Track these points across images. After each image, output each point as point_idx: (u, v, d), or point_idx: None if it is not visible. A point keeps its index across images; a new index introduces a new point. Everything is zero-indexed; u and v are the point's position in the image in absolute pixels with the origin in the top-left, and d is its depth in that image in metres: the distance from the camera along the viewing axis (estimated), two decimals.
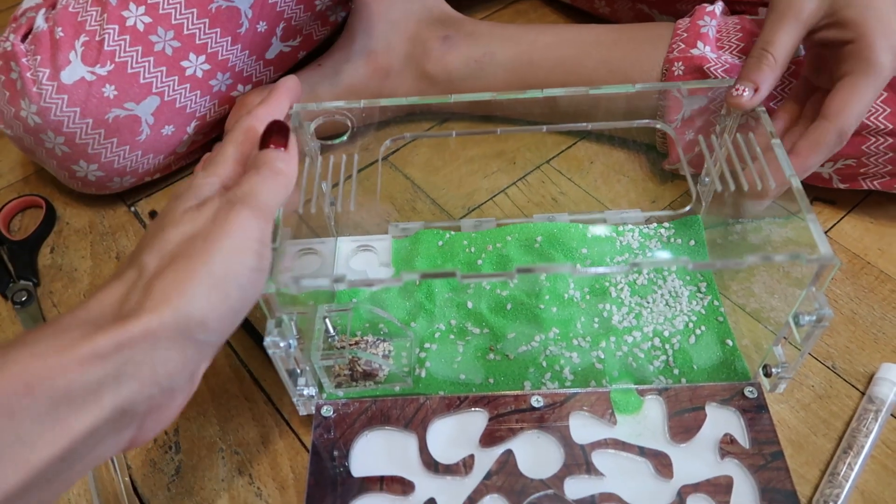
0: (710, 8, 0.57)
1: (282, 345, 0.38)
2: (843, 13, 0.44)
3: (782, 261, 0.37)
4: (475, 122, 0.67)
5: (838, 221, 0.57)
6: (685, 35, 0.56)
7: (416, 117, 0.68)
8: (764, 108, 0.45)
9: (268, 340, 0.38)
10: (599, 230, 0.55)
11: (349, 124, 0.49)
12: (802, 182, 0.56)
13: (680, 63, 0.55)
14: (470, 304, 0.51)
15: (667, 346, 0.48)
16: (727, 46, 0.56)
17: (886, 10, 0.43)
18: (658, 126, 0.52)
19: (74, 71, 0.55)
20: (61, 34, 0.56)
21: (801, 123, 0.49)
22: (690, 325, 0.49)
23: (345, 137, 0.49)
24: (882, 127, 0.51)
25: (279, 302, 0.38)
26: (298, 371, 0.43)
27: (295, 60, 0.67)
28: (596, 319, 0.50)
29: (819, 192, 0.59)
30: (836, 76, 0.45)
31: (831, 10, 0.45)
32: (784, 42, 0.45)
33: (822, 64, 0.47)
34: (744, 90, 0.45)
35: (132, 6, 0.56)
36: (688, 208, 0.56)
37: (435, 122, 0.67)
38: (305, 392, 0.44)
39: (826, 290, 0.53)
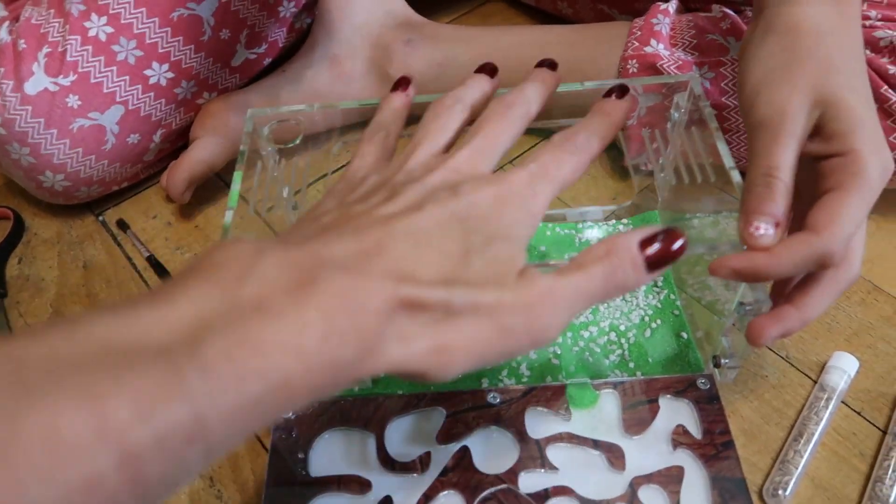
0: (663, 6, 0.58)
1: None
2: (832, 126, 0.37)
3: (722, 251, 0.38)
4: None
5: None
6: (639, 33, 0.57)
7: None
8: (707, 103, 0.45)
9: None
10: (559, 228, 0.56)
11: (300, 127, 0.49)
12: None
13: (634, 61, 0.56)
14: None
15: (623, 341, 0.49)
16: (680, 43, 0.56)
17: (875, 126, 0.38)
18: None
19: (38, 82, 0.56)
20: (24, 46, 0.56)
21: None
22: (646, 318, 0.50)
23: (297, 141, 0.50)
24: None
25: None
26: None
27: (261, 67, 0.68)
28: None
29: None
30: (820, 191, 0.37)
31: (820, 121, 0.38)
32: (788, 163, 0.37)
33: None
34: (765, 228, 0.35)
35: (94, 17, 0.57)
36: (629, 203, 0.56)
37: None
38: None
39: None
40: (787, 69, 0.38)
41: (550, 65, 0.40)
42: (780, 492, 0.42)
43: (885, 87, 0.51)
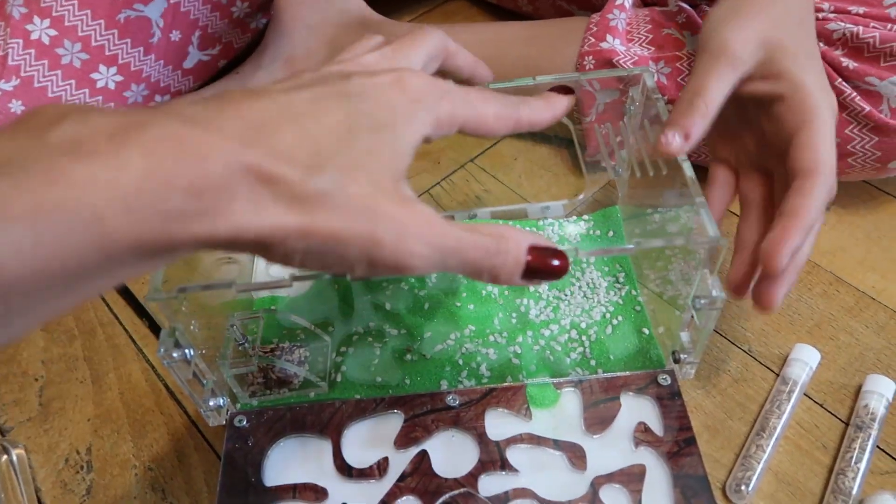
0: (619, 1, 0.58)
1: (175, 354, 0.37)
2: (779, 66, 0.40)
3: (673, 245, 0.37)
4: None
5: None
6: (595, 29, 0.56)
7: None
8: (661, 97, 0.45)
9: (161, 351, 0.37)
10: (520, 225, 0.55)
11: None
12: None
13: (591, 57, 0.56)
14: (388, 306, 0.50)
15: (584, 338, 0.48)
16: (636, 39, 0.56)
17: (820, 71, 0.41)
18: (563, 121, 0.52)
19: None
20: None
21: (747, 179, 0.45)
22: (608, 315, 0.49)
23: None
24: None
25: (177, 308, 0.37)
26: (205, 382, 0.42)
27: (215, 69, 0.66)
28: (513, 315, 0.50)
29: None
30: (784, 132, 0.40)
31: (767, 58, 0.41)
32: (717, 90, 0.40)
33: (743, 115, 0.44)
34: (674, 136, 0.40)
35: (36, 19, 0.55)
36: (580, 196, 0.56)
37: None
38: (213, 403, 0.43)
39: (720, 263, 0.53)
40: (740, 12, 0.42)
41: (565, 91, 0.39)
42: (742, 487, 0.41)
43: (840, 79, 0.51)
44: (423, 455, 0.43)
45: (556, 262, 0.30)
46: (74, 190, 0.20)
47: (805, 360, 0.46)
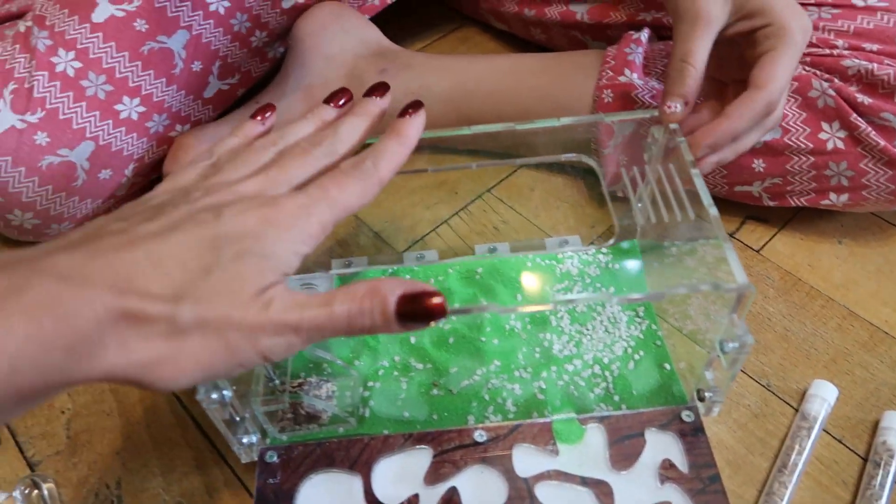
0: (636, 35, 0.59)
1: (214, 396, 0.38)
2: (751, 4, 0.46)
3: (701, 290, 0.38)
4: (414, 153, 0.67)
5: (770, 239, 0.59)
6: (613, 63, 0.58)
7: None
8: (683, 139, 0.46)
9: (201, 394, 0.38)
10: (539, 258, 0.56)
11: None
12: (736, 201, 0.58)
13: (609, 90, 0.57)
14: (413, 340, 0.51)
15: (606, 374, 0.49)
16: (654, 73, 0.57)
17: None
18: (584, 159, 0.54)
19: (4, 119, 0.54)
20: None
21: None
22: (629, 350, 0.50)
23: None
24: (803, 146, 0.53)
25: None
26: (237, 419, 0.42)
27: (234, 98, 0.67)
28: (537, 349, 0.50)
29: (752, 210, 0.61)
30: (756, 55, 0.47)
31: (736, 6, 0.47)
32: (701, 50, 0.47)
33: (728, 57, 0.50)
34: (675, 106, 0.46)
35: (61, 52, 0.56)
36: (612, 241, 0.57)
37: None
38: (245, 440, 0.43)
39: (760, 309, 0.54)
40: None
41: (380, 89, 0.40)
42: None
43: (854, 115, 0.52)
44: (453, 492, 0.44)
45: (425, 306, 0.31)
46: None
47: (823, 397, 0.47)
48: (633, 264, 0.56)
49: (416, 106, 0.38)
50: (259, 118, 0.40)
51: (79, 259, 0.28)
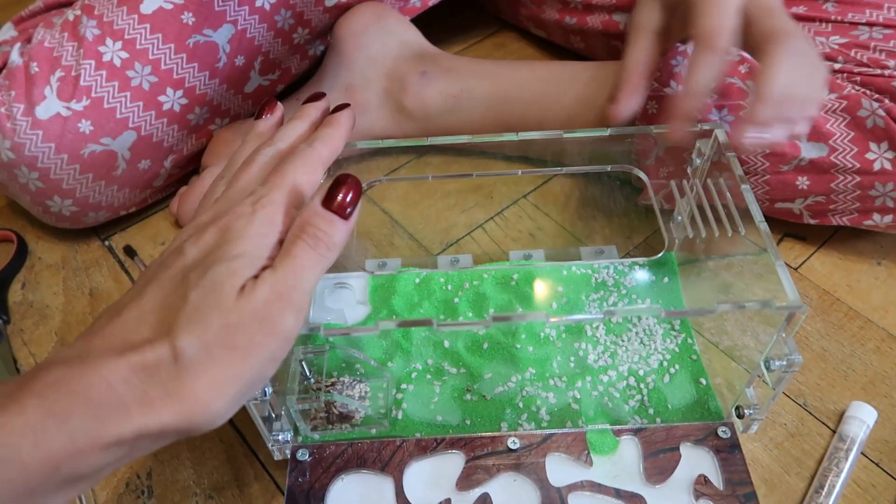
0: (682, 47, 0.58)
1: (256, 393, 0.38)
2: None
3: (752, 308, 0.38)
4: (453, 155, 0.67)
5: (808, 258, 0.58)
6: (658, 74, 0.57)
7: (393, 151, 0.68)
8: (734, 154, 0.45)
9: None
10: (574, 267, 0.56)
11: None
12: (775, 217, 0.58)
13: (653, 102, 0.56)
14: (447, 344, 0.51)
15: (641, 386, 0.49)
16: None
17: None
18: (634, 171, 0.53)
19: (50, 106, 0.55)
20: (36, 69, 0.55)
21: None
22: (665, 363, 0.50)
23: None
24: (850, 165, 0.52)
25: None
26: (273, 416, 0.42)
27: (273, 94, 0.67)
28: (572, 359, 0.50)
29: (790, 227, 0.60)
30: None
31: None
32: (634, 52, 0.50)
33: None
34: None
35: (109, 41, 0.56)
36: (661, 255, 0.56)
37: (412, 157, 0.68)
38: (280, 437, 0.43)
39: (797, 328, 0.53)
40: None
41: (317, 97, 0.41)
42: None
43: None
44: (486, 498, 0.43)
45: (348, 188, 0.32)
46: None
47: (862, 419, 0.47)
48: (669, 277, 0.55)
49: (344, 105, 0.39)
50: (264, 116, 0.41)
51: (77, 346, 0.29)
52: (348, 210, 0.32)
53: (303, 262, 0.30)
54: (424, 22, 0.69)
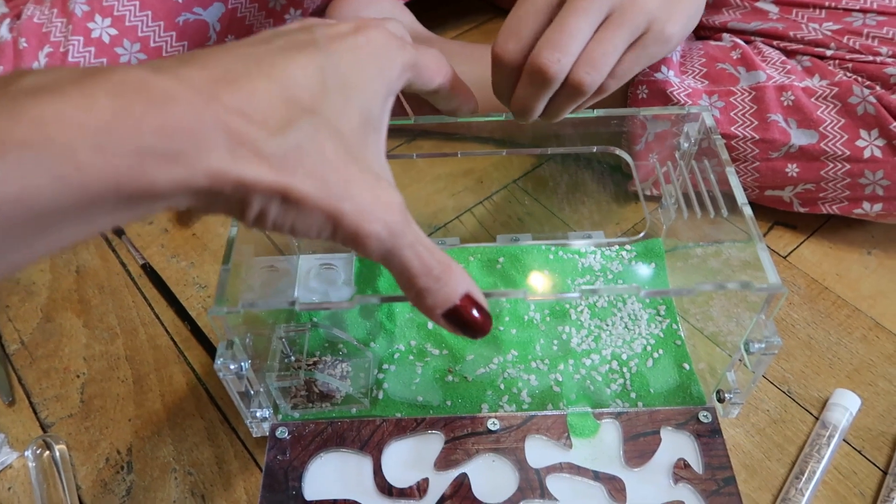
0: None
1: (232, 367, 0.38)
2: None
3: (733, 289, 0.37)
4: (442, 139, 0.67)
5: (798, 246, 0.58)
6: None
7: None
8: (720, 137, 0.45)
9: (218, 363, 0.37)
10: (561, 252, 0.55)
11: None
12: (765, 205, 0.58)
13: (644, 86, 0.56)
14: (430, 325, 0.51)
15: (624, 370, 0.48)
16: (690, 71, 0.56)
17: None
18: (617, 152, 0.53)
19: None
20: (25, 45, 0.55)
21: None
22: (648, 348, 0.50)
23: None
24: (839, 153, 0.52)
25: (236, 321, 0.37)
26: (252, 392, 0.42)
27: None
28: (555, 342, 0.50)
29: (781, 216, 0.60)
30: None
31: None
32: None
33: None
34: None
35: (98, 18, 0.56)
36: (642, 234, 0.56)
37: (403, 140, 0.67)
38: (258, 414, 0.43)
39: (784, 315, 0.53)
40: None
41: None
42: None
43: (894, 123, 0.51)
44: (464, 478, 0.43)
45: (479, 319, 0.30)
46: (41, 127, 0.19)
47: (845, 406, 0.46)
48: (656, 263, 0.55)
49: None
50: None
51: (176, 61, 0.24)
52: (453, 322, 0.31)
53: (412, 265, 0.29)
54: (419, 7, 0.69)
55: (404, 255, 0.28)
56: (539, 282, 0.54)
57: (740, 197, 0.41)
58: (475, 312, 0.30)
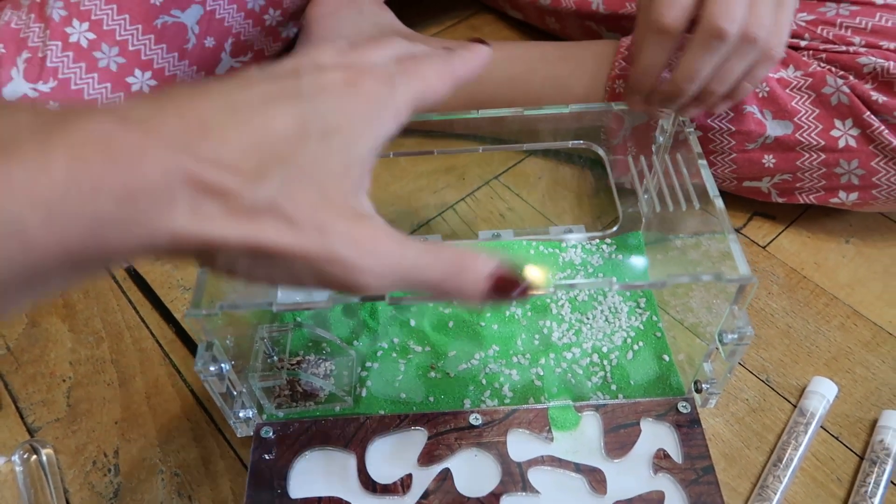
0: None
1: (212, 369, 0.38)
2: None
3: (705, 281, 0.38)
4: (423, 137, 0.67)
5: (777, 236, 0.59)
6: (626, 53, 0.57)
7: None
8: (693, 129, 0.46)
9: (198, 365, 0.38)
10: (542, 246, 0.56)
11: None
12: (743, 196, 0.58)
13: (621, 81, 0.56)
14: (413, 322, 0.51)
15: (605, 363, 0.49)
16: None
17: None
18: (593, 147, 0.53)
19: (17, 88, 0.55)
20: (2, 50, 0.55)
21: None
22: (629, 340, 0.50)
23: None
24: (814, 143, 0.52)
25: (216, 323, 0.38)
26: (235, 393, 0.43)
27: None
28: (536, 336, 0.50)
29: (759, 206, 0.60)
30: None
31: None
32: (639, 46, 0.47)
33: None
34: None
35: (76, 22, 0.56)
36: (615, 228, 0.57)
37: None
38: (242, 414, 0.44)
39: (763, 305, 0.54)
40: None
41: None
42: None
43: (868, 112, 0.51)
44: (447, 473, 0.44)
45: (515, 280, 0.29)
46: None
47: (822, 394, 0.47)
48: (636, 256, 0.55)
49: (485, 42, 0.36)
50: None
51: (151, 105, 0.23)
52: (496, 299, 0.29)
53: (431, 274, 0.28)
54: (399, 3, 0.69)
55: (413, 277, 0.27)
56: None
57: (712, 189, 0.42)
58: (508, 287, 0.29)
